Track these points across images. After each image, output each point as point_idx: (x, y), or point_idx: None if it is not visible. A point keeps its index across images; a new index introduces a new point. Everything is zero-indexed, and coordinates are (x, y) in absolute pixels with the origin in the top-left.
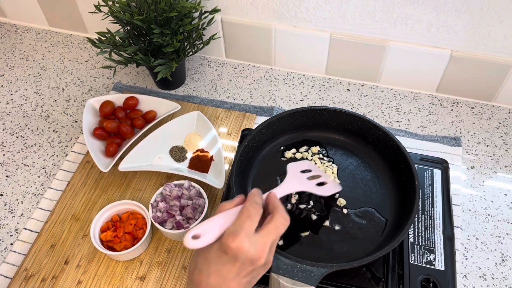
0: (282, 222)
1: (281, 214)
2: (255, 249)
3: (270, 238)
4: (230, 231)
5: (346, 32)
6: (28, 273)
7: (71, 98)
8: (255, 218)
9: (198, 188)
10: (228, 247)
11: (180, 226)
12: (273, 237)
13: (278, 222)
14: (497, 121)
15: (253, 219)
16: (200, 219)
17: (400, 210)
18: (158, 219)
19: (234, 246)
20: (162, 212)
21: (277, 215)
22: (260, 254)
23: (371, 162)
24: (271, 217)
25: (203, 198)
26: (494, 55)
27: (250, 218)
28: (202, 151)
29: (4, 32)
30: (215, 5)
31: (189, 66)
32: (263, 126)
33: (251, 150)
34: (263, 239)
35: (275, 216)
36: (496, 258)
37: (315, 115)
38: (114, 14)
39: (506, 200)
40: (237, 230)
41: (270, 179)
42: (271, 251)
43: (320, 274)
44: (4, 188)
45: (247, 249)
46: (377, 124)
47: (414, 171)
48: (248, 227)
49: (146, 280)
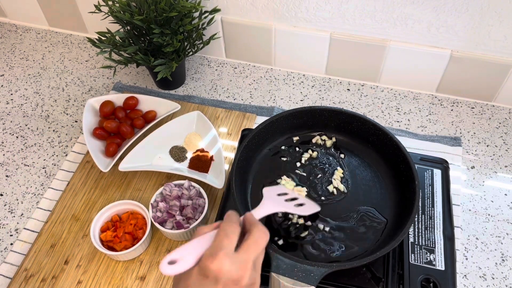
0: (260, 236)
1: (259, 228)
2: (236, 268)
3: (251, 254)
4: (208, 253)
5: (346, 32)
6: (28, 273)
7: (71, 98)
8: (232, 236)
9: (198, 188)
10: (208, 269)
11: (180, 226)
12: (254, 252)
13: (257, 236)
14: (497, 121)
15: (231, 237)
16: (200, 219)
17: (400, 210)
18: (158, 219)
19: (214, 267)
20: (162, 212)
21: (255, 230)
22: (242, 273)
23: (371, 162)
24: (249, 233)
25: (203, 198)
26: (494, 55)
27: (227, 236)
28: (202, 151)
29: (4, 32)
30: (215, 5)
31: (189, 66)
32: (263, 126)
33: (251, 150)
34: (243, 256)
35: (252, 231)
36: (496, 258)
37: (315, 115)
38: (114, 14)
39: (506, 200)
40: (215, 251)
41: (270, 178)
42: (255, 269)
43: (320, 274)
44: (4, 188)
45: (228, 269)
46: (377, 124)
47: (414, 171)
48: (226, 245)
49: (146, 280)
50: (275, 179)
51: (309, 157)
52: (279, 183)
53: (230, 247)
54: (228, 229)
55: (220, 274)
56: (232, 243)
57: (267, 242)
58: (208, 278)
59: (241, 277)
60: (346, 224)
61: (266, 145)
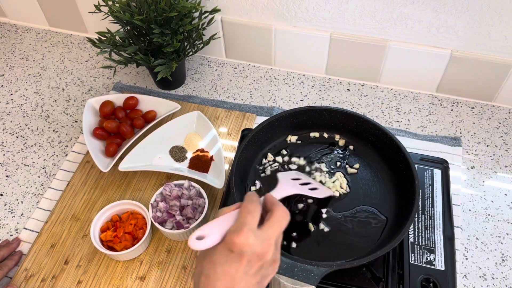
0: (283, 216)
1: (281, 208)
2: (260, 243)
3: (274, 232)
4: (233, 229)
5: (346, 32)
6: (28, 273)
7: (71, 98)
8: (255, 214)
9: (198, 188)
10: (233, 243)
11: (180, 226)
12: (277, 230)
13: (280, 216)
14: (497, 121)
15: (254, 214)
16: (200, 219)
17: (400, 209)
18: (158, 219)
19: (239, 242)
20: (162, 212)
21: (277, 209)
22: (266, 248)
23: (371, 161)
24: (271, 213)
25: (203, 198)
26: (494, 55)
27: (250, 213)
28: (202, 151)
29: (4, 32)
30: (215, 5)
31: (189, 66)
32: (262, 126)
33: (251, 150)
34: (267, 232)
35: (275, 211)
36: (496, 258)
37: (315, 115)
38: (114, 14)
39: (506, 200)
40: (240, 226)
41: (270, 178)
42: (277, 248)
43: (320, 273)
44: (4, 188)
45: (253, 243)
46: (376, 124)
47: (414, 170)
48: (250, 221)
49: (146, 280)
50: (276, 179)
51: (308, 156)
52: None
53: (254, 223)
54: (251, 207)
55: (244, 247)
56: (255, 220)
57: (288, 221)
58: (233, 252)
59: (265, 252)
60: (345, 223)
61: (266, 145)
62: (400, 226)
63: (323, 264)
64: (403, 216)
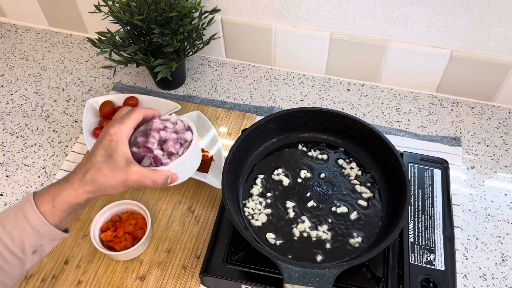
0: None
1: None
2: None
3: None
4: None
5: (346, 32)
6: (28, 273)
7: (71, 98)
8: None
9: (186, 122)
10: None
11: (158, 161)
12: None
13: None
14: (497, 121)
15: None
16: (184, 154)
17: (395, 204)
18: (136, 156)
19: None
20: (139, 148)
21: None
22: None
23: (365, 163)
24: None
25: (190, 132)
26: (494, 55)
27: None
28: (202, 151)
29: (4, 32)
30: (215, 5)
31: (189, 66)
32: (244, 137)
33: (242, 153)
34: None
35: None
36: (496, 258)
37: (292, 117)
38: (114, 14)
39: (506, 200)
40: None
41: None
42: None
43: (333, 275)
44: (4, 188)
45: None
46: (354, 118)
47: (399, 157)
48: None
49: (146, 280)
50: (271, 177)
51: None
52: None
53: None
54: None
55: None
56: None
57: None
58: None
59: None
60: (345, 223)
61: (256, 147)
62: (398, 215)
63: (333, 265)
64: (399, 210)
